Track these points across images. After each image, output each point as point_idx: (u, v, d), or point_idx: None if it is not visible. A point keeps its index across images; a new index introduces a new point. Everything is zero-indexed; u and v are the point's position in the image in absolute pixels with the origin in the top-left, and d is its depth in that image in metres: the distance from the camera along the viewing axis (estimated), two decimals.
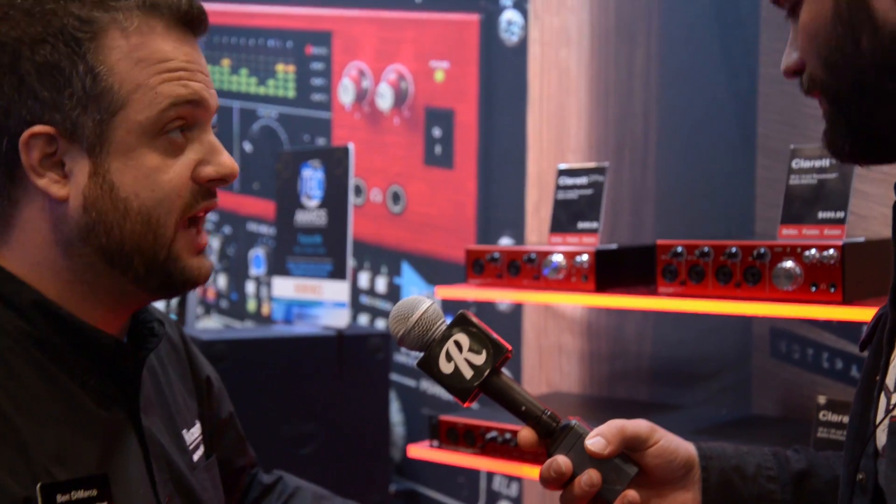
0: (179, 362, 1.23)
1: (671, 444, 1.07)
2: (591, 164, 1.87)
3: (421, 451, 1.96)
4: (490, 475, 2.37)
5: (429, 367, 1.05)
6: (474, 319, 1.06)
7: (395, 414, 2.54)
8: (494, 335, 1.05)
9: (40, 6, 0.95)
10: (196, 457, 1.16)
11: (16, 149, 0.95)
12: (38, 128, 0.95)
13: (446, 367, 1.05)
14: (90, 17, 0.96)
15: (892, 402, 0.86)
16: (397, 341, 1.07)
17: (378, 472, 2.30)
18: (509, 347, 1.05)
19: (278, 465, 2.13)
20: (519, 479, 2.31)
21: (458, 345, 1.05)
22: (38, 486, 0.92)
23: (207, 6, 1.06)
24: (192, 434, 1.18)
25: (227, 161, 1.03)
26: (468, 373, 1.04)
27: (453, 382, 1.04)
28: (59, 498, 0.94)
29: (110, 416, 1.02)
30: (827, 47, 0.84)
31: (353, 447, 2.27)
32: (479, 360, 1.04)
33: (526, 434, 1.05)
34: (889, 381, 0.88)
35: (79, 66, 0.96)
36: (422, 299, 1.07)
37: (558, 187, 1.88)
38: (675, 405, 2.04)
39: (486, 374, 1.04)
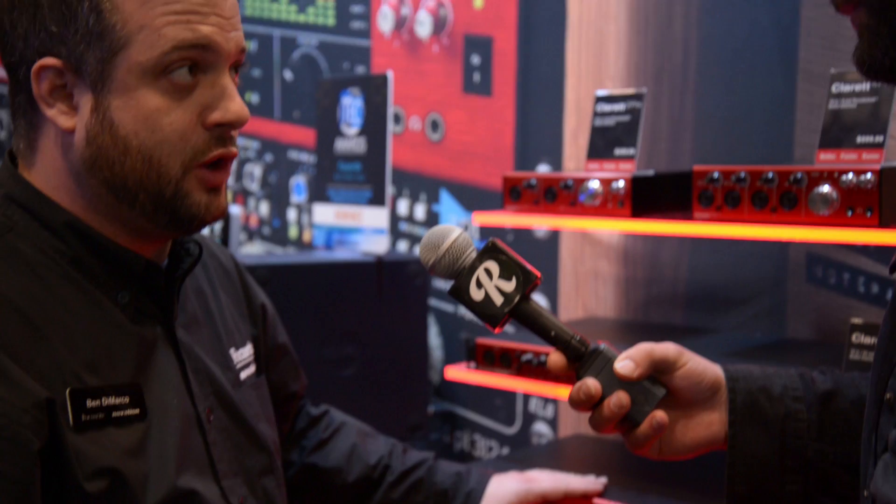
0: (232, 287, 1.27)
1: (698, 366, 1.10)
2: (629, 91, 1.87)
3: (458, 372, 2.00)
4: (526, 397, 2.42)
5: (460, 294, 1.08)
6: (504, 247, 1.08)
7: (434, 338, 2.59)
8: (524, 262, 1.08)
9: None
10: (244, 375, 1.21)
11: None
12: (47, 60, 0.99)
13: (477, 295, 1.07)
14: None
15: None
16: (428, 269, 1.10)
17: (417, 394, 2.36)
18: (538, 274, 1.08)
19: (320, 386, 2.20)
20: (554, 401, 2.36)
21: (488, 272, 1.07)
22: (68, 390, 0.97)
23: None
24: (242, 353, 1.22)
25: (233, 107, 1.02)
26: (498, 299, 1.07)
27: (484, 309, 1.07)
28: (90, 403, 0.98)
29: (145, 331, 1.07)
30: None
31: (393, 369, 2.32)
32: (509, 287, 1.07)
33: (556, 358, 1.08)
34: None
35: (84, 3, 0.98)
36: (451, 228, 1.10)
37: (596, 114, 1.88)
38: (709, 329, 2.06)
39: (516, 300, 1.06)
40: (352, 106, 2.44)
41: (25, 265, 1.01)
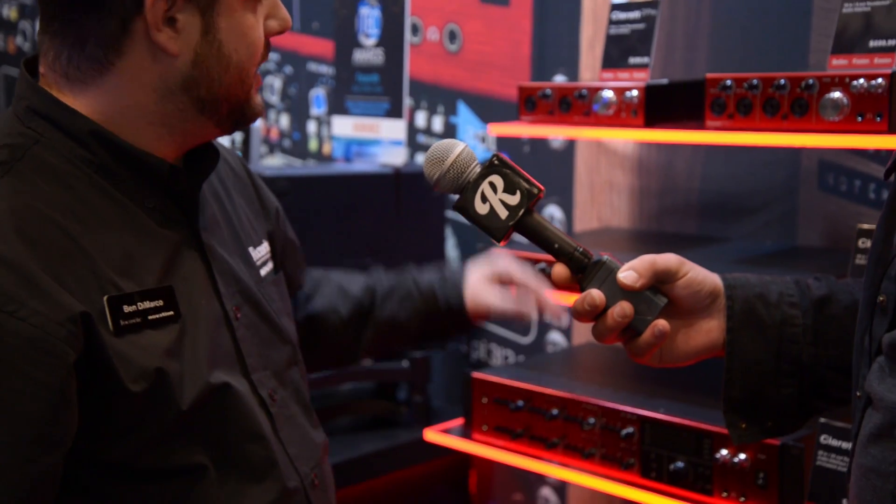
0: (244, 189, 1.31)
1: (698, 275, 1.11)
2: None
3: None
4: None
5: (465, 208, 1.09)
6: (507, 161, 1.09)
7: (451, 250, 2.63)
8: (527, 176, 1.09)
9: None
10: (264, 272, 1.26)
11: (138, 5, 1.02)
12: None
13: (482, 208, 1.09)
14: None
15: None
16: (433, 185, 1.11)
17: None
18: (542, 187, 1.09)
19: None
20: (570, 311, 2.40)
21: (492, 186, 1.09)
22: (105, 298, 1.01)
23: None
24: (260, 251, 1.27)
25: (286, 15, 1.14)
26: (503, 213, 1.08)
27: (489, 222, 1.09)
28: (126, 308, 1.03)
29: (172, 234, 1.11)
30: None
31: None
32: (514, 200, 1.08)
33: (559, 270, 1.10)
34: None
35: None
36: (455, 142, 1.11)
37: (611, 22, 1.87)
38: (721, 238, 2.08)
39: (520, 213, 1.08)
40: (369, 16, 2.43)
41: (55, 177, 1.03)
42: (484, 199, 1.09)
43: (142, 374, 1.02)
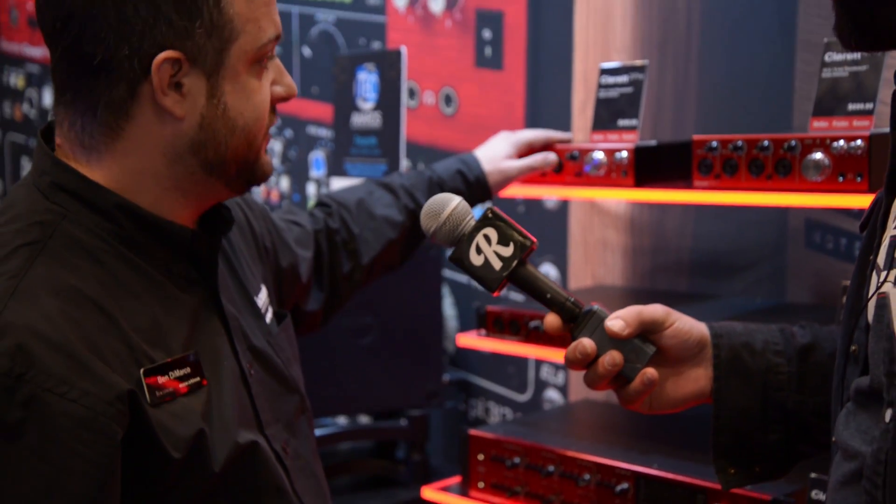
0: (241, 231, 1.35)
1: (685, 325, 1.15)
2: (631, 63, 1.91)
3: (469, 339, 2.07)
4: (538, 365, 2.48)
5: (460, 259, 1.13)
6: (501, 214, 1.14)
7: (449, 308, 2.66)
8: (520, 228, 1.13)
9: None
10: (268, 320, 1.29)
11: (144, 69, 1.05)
12: (170, 52, 1.05)
13: (476, 260, 1.13)
14: None
15: (881, 279, 0.92)
16: (429, 237, 1.16)
17: (432, 363, 2.42)
18: (534, 240, 1.13)
19: (338, 353, 2.27)
20: (565, 368, 2.42)
21: (487, 238, 1.13)
22: (141, 370, 1.04)
23: None
24: (261, 299, 1.30)
25: (291, 82, 1.18)
26: (497, 264, 1.12)
27: (483, 273, 1.13)
28: (160, 380, 1.06)
29: (193, 299, 1.14)
30: None
31: (409, 339, 2.38)
32: (507, 251, 1.12)
33: (551, 319, 1.14)
34: (880, 260, 0.94)
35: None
36: (451, 196, 1.16)
37: (600, 86, 1.93)
38: (713, 295, 2.11)
39: (513, 264, 1.12)
40: (367, 81, 2.49)
41: (85, 252, 1.06)
42: (479, 250, 1.12)
43: (183, 441, 1.05)
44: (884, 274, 0.92)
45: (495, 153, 1.78)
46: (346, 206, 1.61)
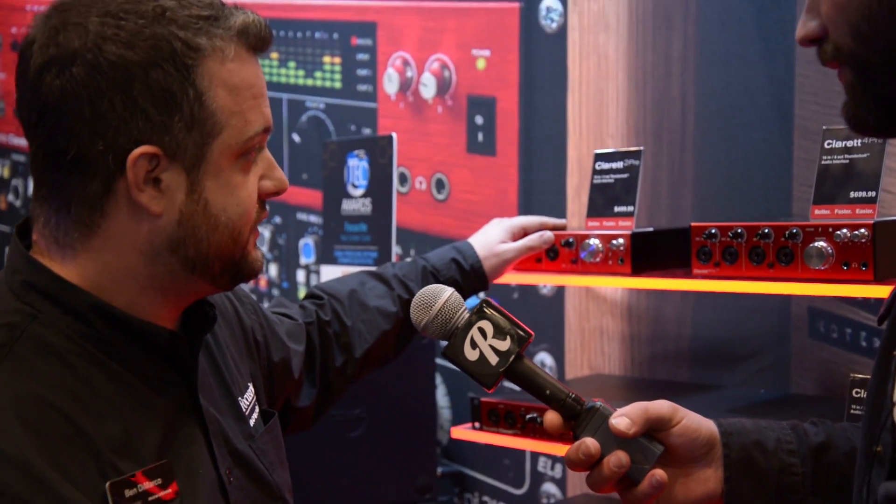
0: (229, 326, 1.29)
1: (693, 422, 1.10)
2: (626, 149, 1.89)
3: (464, 432, 2.00)
4: (535, 457, 2.40)
5: (454, 354, 1.08)
6: (496, 305, 1.09)
7: (442, 398, 2.59)
8: (516, 320, 1.08)
9: (149, 29, 1.00)
10: (253, 421, 1.22)
11: (119, 165, 1.01)
12: (147, 148, 1.01)
13: (471, 355, 1.07)
14: (196, 44, 1.02)
15: None
16: (420, 330, 1.11)
17: (425, 455, 2.34)
18: (531, 332, 1.08)
19: (328, 447, 2.19)
20: (563, 461, 2.34)
21: (482, 332, 1.08)
22: (108, 484, 0.97)
23: (256, 1, 1.12)
24: (247, 399, 1.23)
25: (282, 176, 1.13)
26: (493, 359, 1.07)
27: (479, 369, 1.07)
28: (128, 493, 0.99)
29: (169, 403, 1.08)
30: (858, 16, 0.83)
31: (401, 430, 2.31)
32: (504, 345, 1.07)
33: (552, 417, 1.08)
34: None
35: (189, 92, 1.02)
36: (443, 288, 1.11)
37: (595, 172, 1.90)
38: (714, 385, 2.05)
39: (511, 359, 1.06)
40: (357, 167, 2.47)
41: (54, 355, 1.01)
42: (473, 344, 1.07)
43: None
44: None
45: (489, 239, 1.74)
46: (337, 298, 1.56)
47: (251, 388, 1.26)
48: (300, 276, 3.07)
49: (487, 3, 2.53)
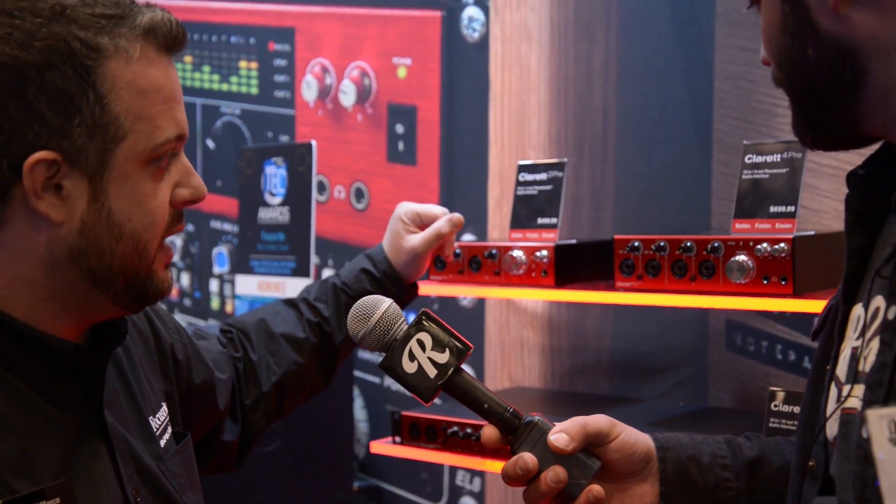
0: (144, 342, 1.22)
1: (630, 437, 1.09)
2: (551, 160, 1.88)
3: (383, 447, 1.96)
4: (453, 471, 2.38)
5: (392, 367, 1.05)
6: (436, 317, 1.06)
7: (359, 411, 2.55)
8: (456, 333, 1.06)
9: (46, 29, 0.94)
10: (164, 441, 1.16)
11: (15, 171, 0.94)
12: (44, 153, 0.95)
13: (410, 367, 1.05)
14: (97, 44, 0.96)
15: (844, 392, 0.88)
16: (357, 342, 1.08)
17: (342, 469, 2.30)
18: (470, 345, 1.06)
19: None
20: (481, 474, 2.33)
21: (421, 344, 1.05)
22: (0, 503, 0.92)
23: (170, 3, 1.06)
24: (159, 419, 1.17)
25: (199, 183, 1.06)
26: (432, 371, 1.05)
27: (417, 382, 1.05)
28: None
29: (72, 419, 1.02)
30: (779, 53, 0.89)
31: (317, 445, 2.27)
32: (443, 358, 1.05)
33: (489, 432, 1.06)
34: (840, 372, 0.90)
35: (88, 94, 0.96)
36: (381, 299, 1.08)
37: (518, 183, 1.89)
38: (634, 398, 2.06)
39: (450, 372, 1.04)
40: (275, 175, 2.41)
41: None
42: (412, 357, 1.05)
43: None
44: (847, 388, 0.88)
45: (393, 235, 1.59)
46: (244, 331, 1.48)
47: (164, 407, 1.21)
48: (213, 285, 2.99)
49: (409, 11, 2.51)
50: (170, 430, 1.20)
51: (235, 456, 1.43)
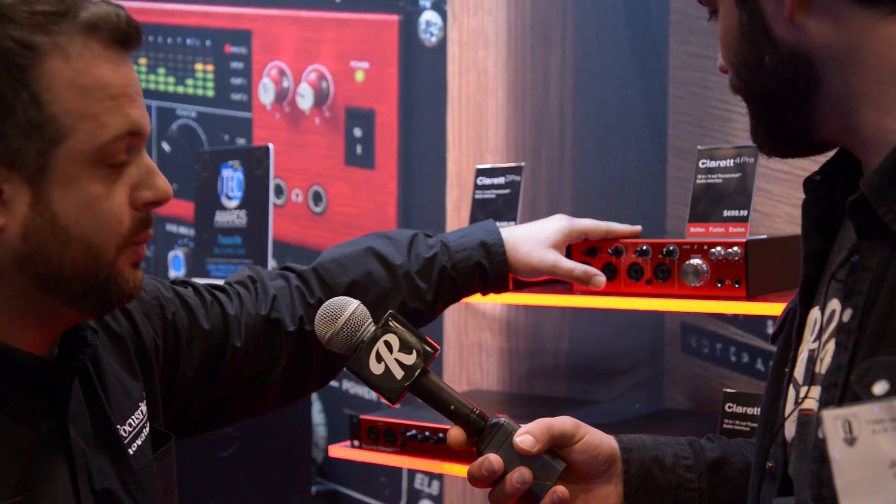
0: (118, 346, 1.17)
1: (595, 439, 1.11)
2: (508, 164, 1.89)
3: (342, 451, 1.96)
4: (411, 474, 2.38)
5: (359, 368, 1.06)
6: (402, 319, 1.07)
7: (317, 415, 2.54)
8: (422, 334, 1.07)
9: None
10: (135, 448, 1.12)
11: None
12: None
13: (377, 368, 1.06)
14: (31, 42, 0.92)
15: (801, 394, 0.90)
16: (325, 343, 1.08)
17: (299, 474, 2.29)
18: (437, 347, 1.08)
19: (200, 466, 2.11)
20: (440, 477, 2.33)
21: (388, 345, 1.06)
22: None
23: (125, 4, 1.03)
24: (131, 424, 1.13)
25: (162, 184, 1.01)
26: (399, 373, 1.06)
27: (384, 383, 1.06)
28: None
29: (32, 434, 0.99)
30: (736, 61, 0.90)
31: (274, 449, 2.25)
32: (410, 360, 1.06)
33: (455, 433, 1.08)
34: (797, 374, 0.92)
35: (22, 94, 0.92)
36: (349, 300, 1.09)
37: (476, 187, 1.90)
38: (591, 400, 2.08)
39: (417, 373, 1.06)
40: (232, 178, 2.40)
41: None
42: (379, 358, 1.06)
43: None
44: (804, 389, 0.90)
45: (539, 234, 1.51)
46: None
47: (142, 408, 1.18)
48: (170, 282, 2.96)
49: (366, 14, 2.51)
50: (145, 432, 1.16)
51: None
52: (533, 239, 1.51)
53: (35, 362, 0.99)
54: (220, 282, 1.39)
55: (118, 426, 1.11)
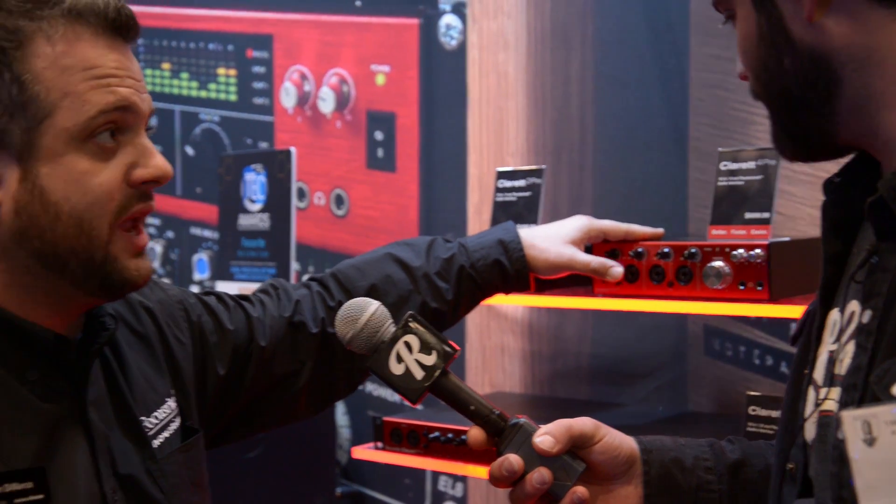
0: (146, 347, 1.20)
1: (615, 440, 1.11)
2: (529, 167, 1.90)
3: (365, 452, 1.97)
4: (435, 476, 2.39)
5: (380, 368, 1.07)
6: (422, 320, 1.09)
7: (341, 417, 2.55)
8: (442, 335, 1.08)
9: None
10: (160, 441, 1.15)
11: None
12: None
13: (397, 369, 1.07)
14: (15, 27, 0.98)
15: (821, 395, 0.90)
16: (346, 343, 1.09)
17: (324, 475, 2.31)
18: (457, 348, 1.09)
19: (226, 468, 2.13)
20: (464, 480, 2.34)
21: (408, 346, 1.07)
22: None
23: (147, 10, 1.07)
24: (157, 418, 1.16)
25: (159, 162, 1.04)
26: (419, 373, 1.07)
27: (404, 383, 1.07)
28: None
29: (53, 409, 1.03)
30: (756, 65, 0.90)
31: (299, 450, 2.27)
32: (430, 360, 1.07)
33: (476, 433, 1.08)
34: (817, 376, 0.92)
35: (4, 75, 0.97)
36: (369, 301, 1.10)
37: (497, 189, 1.91)
38: (614, 403, 2.08)
39: (436, 374, 1.07)
40: (255, 182, 2.42)
41: None
42: (399, 359, 1.07)
43: None
44: (823, 391, 0.90)
45: (559, 232, 1.53)
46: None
47: (170, 403, 1.20)
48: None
49: (386, 18, 2.52)
50: (174, 426, 1.19)
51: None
52: (552, 236, 1.53)
53: (51, 337, 1.02)
54: (245, 284, 1.43)
55: (142, 417, 1.14)
